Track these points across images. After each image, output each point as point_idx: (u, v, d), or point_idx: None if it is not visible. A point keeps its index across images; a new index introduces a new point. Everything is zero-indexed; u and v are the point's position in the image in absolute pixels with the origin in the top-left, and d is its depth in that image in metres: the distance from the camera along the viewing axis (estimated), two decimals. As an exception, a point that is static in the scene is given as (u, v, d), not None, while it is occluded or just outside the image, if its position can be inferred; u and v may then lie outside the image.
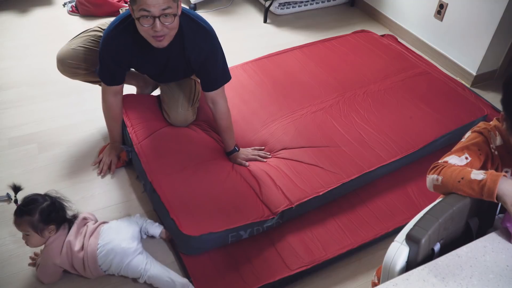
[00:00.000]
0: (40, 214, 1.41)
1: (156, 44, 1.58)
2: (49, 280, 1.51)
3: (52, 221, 1.45)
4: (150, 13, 1.47)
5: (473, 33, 2.53)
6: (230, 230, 1.56)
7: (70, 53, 1.85)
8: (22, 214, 1.41)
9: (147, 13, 1.47)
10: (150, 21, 1.49)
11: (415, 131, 1.99)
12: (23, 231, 1.43)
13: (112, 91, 1.79)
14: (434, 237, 0.96)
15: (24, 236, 1.45)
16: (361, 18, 3.33)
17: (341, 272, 1.60)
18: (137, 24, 1.54)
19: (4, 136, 2.08)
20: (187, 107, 1.95)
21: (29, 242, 1.45)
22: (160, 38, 1.55)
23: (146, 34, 1.55)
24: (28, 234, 1.43)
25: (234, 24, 3.16)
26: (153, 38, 1.55)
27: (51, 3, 3.23)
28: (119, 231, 1.53)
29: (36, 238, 1.43)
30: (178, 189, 1.68)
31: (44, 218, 1.42)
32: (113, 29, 1.64)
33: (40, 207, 1.42)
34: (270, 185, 1.73)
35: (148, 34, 1.54)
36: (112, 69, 1.73)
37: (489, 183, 0.97)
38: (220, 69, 1.76)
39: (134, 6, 1.48)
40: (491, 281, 0.89)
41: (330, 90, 2.24)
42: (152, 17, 1.48)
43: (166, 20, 1.51)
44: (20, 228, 1.43)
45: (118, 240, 1.49)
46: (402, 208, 1.76)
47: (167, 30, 1.54)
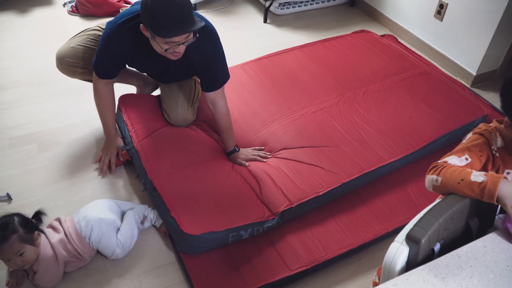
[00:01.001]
0: (22, 227, 1.40)
1: (173, 58, 1.60)
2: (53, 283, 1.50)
3: (34, 228, 1.44)
4: (177, 42, 1.50)
5: (473, 33, 2.53)
6: (231, 230, 1.56)
7: (69, 51, 1.85)
8: (7, 237, 1.36)
9: (173, 43, 1.50)
10: (175, 47, 1.52)
11: (415, 131, 1.99)
12: (16, 253, 1.37)
13: (104, 81, 1.79)
14: (434, 237, 0.96)
15: (17, 259, 1.38)
16: (361, 18, 3.33)
17: (341, 272, 1.60)
18: (155, 46, 1.55)
19: (4, 136, 2.08)
20: (187, 107, 1.95)
21: (26, 259, 1.40)
22: (177, 55, 1.58)
23: (165, 53, 1.56)
24: (23, 252, 1.38)
25: (234, 24, 3.16)
26: (170, 54, 1.57)
27: (51, 3, 3.23)
28: (94, 206, 1.62)
29: (32, 249, 1.41)
30: (179, 188, 1.68)
31: (27, 228, 1.41)
32: (117, 28, 1.62)
33: (16, 222, 1.40)
34: (270, 185, 1.73)
35: (167, 52, 1.56)
36: (106, 64, 1.73)
37: (489, 185, 0.96)
38: (220, 69, 1.77)
39: (158, 39, 1.50)
40: (491, 281, 0.89)
41: (330, 90, 2.25)
42: (177, 44, 1.51)
43: (189, 41, 1.54)
44: (11, 252, 1.37)
45: (94, 213, 1.57)
46: (402, 208, 1.76)
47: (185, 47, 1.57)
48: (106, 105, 1.85)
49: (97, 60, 1.72)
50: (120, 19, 1.64)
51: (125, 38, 1.63)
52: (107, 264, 1.58)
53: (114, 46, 1.65)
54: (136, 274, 1.56)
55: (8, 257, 1.38)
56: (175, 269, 1.58)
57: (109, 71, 1.76)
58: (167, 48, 1.52)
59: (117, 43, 1.64)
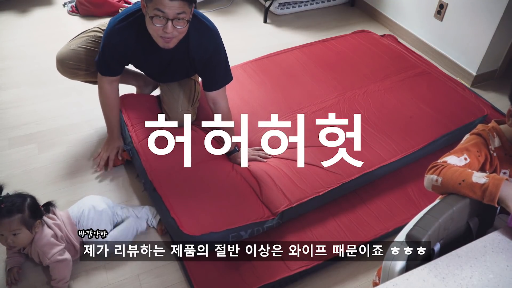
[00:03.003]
0: (30, 210, 1.42)
1: (163, 45, 1.58)
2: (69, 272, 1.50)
3: (39, 216, 1.46)
4: (165, 14, 1.47)
5: (473, 33, 2.53)
6: (231, 230, 1.56)
7: (69, 53, 1.85)
8: (11, 212, 1.39)
9: (161, 13, 1.47)
10: (162, 21, 1.49)
11: (415, 131, 1.99)
12: (12, 231, 1.40)
13: (108, 79, 1.79)
14: (434, 237, 0.96)
15: (10, 237, 1.40)
16: (361, 18, 3.33)
17: (341, 272, 1.60)
18: (147, 22, 1.54)
19: (4, 136, 2.08)
20: (187, 107, 1.95)
21: (17, 241, 1.42)
22: (168, 40, 1.56)
23: (155, 33, 1.55)
24: (19, 233, 1.40)
25: (234, 24, 3.16)
26: (161, 38, 1.55)
27: (51, 3, 3.23)
28: (88, 198, 1.66)
29: (27, 234, 1.43)
30: (179, 188, 1.68)
31: (33, 214, 1.43)
32: (118, 23, 1.63)
33: (27, 203, 1.43)
34: (270, 185, 1.73)
35: (157, 34, 1.54)
36: (110, 62, 1.73)
37: (491, 187, 0.96)
38: (222, 69, 1.77)
39: (149, 4, 1.48)
40: (491, 281, 0.89)
41: (330, 90, 2.25)
42: (165, 18, 1.48)
43: (179, 24, 1.51)
44: (8, 229, 1.39)
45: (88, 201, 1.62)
46: (402, 208, 1.76)
47: (177, 33, 1.54)
48: (110, 104, 1.86)
49: (100, 56, 1.72)
50: (120, 16, 1.65)
51: (127, 33, 1.63)
52: (107, 264, 1.58)
53: (116, 40, 1.65)
54: (136, 274, 1.56)
55: (2, 232, 1.40)
56: (175, 269, 1.58)
57: (112, 67, 1.76)
58: (152, 16, 1.47)
59: (118, 37, 1.64)
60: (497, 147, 1.12)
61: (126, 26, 1.62)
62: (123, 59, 1.75)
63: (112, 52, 1.68)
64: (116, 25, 1.63)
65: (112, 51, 1.68)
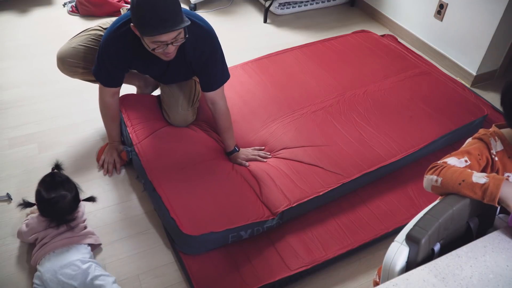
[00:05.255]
0: (74, 197, 1.54)
1: (165, 59, 1.60)
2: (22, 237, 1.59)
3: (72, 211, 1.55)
4: (163, 42, 1.49)
5: (473, 33, 2.53)
6: (231, 230, 1.56)
7: (70, 51, 1.85)
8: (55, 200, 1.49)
9: (160, 43, 1.49)
10: (163, 47, 1.52)
11: (415, 131, 1.99)
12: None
13: (110, 92, 1.79)
14: (434, 237, 0.96)
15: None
16: (361, 18, 3.33)
17: (341, 272, 1.60)
18: (146, 45, 1.55)
19: (4, 136, 2.08)
20: (187, 107, 1.95)
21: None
22: (168, 55, 1.58)
23: (155, 53, 1.56)
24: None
25: (234, 24, 3.16)
26: (162, 55, 1.57)
27: (51, 3, 3.23)
28: (63, 269, 1.44)
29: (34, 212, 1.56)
30: (178, 188, 1.68)
31: (71, 205, 1.53)
32: (115, 31, 1.63)
33: (75, 192, 1.55)
34: (270, 185, 1.73)
35: (158, 53, 1.56)
36: (110, 70, 1.72)
37: (491, 187, 0.96)
38: (219, 69, 1.77)
39: (146, 38, 1.49)
40: (491, 281, 0.89)
41: (330, 90, 2.25)
42: (165, 44, 1.51)
43: (178, 42, 1.54)
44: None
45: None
46: (402, 208, 1.76)
47: (177, 47, 1.57)
48: (112, 115, 1.88)
49: (99, 67, 1.72)
50: (116, 23, 1.65)
51: (123, 41, 1.63)
52: (107, 264, 1.58)
53: (113, 49, 1.65)
54: (136, 274, 1.56)
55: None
56: (175, 269, 1.58)
57: (113, 77, 1.75)
58: (154, 48, 1.51)
59: (115, 47, 1.64)
60: (499, 151, 1.12)
61: (122, 34, 1.62)
62: (122, 67, 1.74)
63: (109, 60, 1.68)
64: (112, 34, 1.63)
65: (110, 59, 1.68)
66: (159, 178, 1.71)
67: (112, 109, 1.85)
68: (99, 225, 1.70)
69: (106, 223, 1.72)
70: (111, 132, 1.92)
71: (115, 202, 1.80)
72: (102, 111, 1.87)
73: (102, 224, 1.71)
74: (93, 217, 1.74)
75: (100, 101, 1.84)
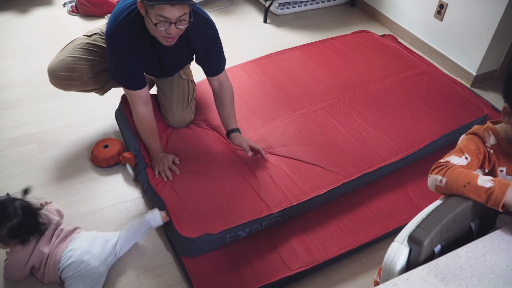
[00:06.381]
0: (8, 230, 1.38)
1: (165, 43, 1.59)
2: (13, 278, 1.49)
3: (18, 237, 1.42)
4: (167, 19, 1.48)
5: (473, 33, 2.53)
6: (228, 231, 1.55)
7: (59, 64, 1.80)
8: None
9: (164, 19, 1.48)
10: (166, 25, 1.50)
11: (415, 131, 1.99)
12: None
13: (142, 100, 1.72)
14: (437, 239, 0.95)
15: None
16: (361, 18, 3.33)
17: (341, 272, 1.60)
18: (149, 24, 1.53)
19: (4, 136, 2.08)
20: (183, 108, 1.95)
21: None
22: (171, 39, 1.57)
23: (158, 34, 1.55)
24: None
25: (234, 24, 3.16)
26: (164, 38, 1.56)
27: (51, 3, 3.23)
28: (93, 243, 1.49)
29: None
30: (178, 190, 1.69)
31: (11, 234, 1.40)
32: (118, 23, 1.60)
33: (10, 224, 1.38)
34: (270, 184, 1.73)
35: (160, 34, 1.55)
36: (129, 68, 1.67)
37: (497, 192, 0.96)
38: (222, 54, 1.81)
39: (150, 10, 1.48)
40: (491, 281, 0.89)
41: (330, 90, 2.25)
42: (168, 22, 1.49)
43: (181, 24, 1.53)
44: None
45: (87, 254, 1.45)
46: (402, 208, 1.76)
47: (179, 31, 1.56)
48: (151, 129, 1.78)
49: (117, 69, 1.68)
50: (117, 17, 1.61)
51: (128, 31, 1.61)
52: (107, 264, 1.58)
53: (124, 41, 1.62)
54: (136, 274, 1.56)
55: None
56: (175, 269, 1.58)
57: (134, 72, 1.69)
58: (157, 24, 1.48)
59: (125, 37, 1.61)
60: (493, 144, 1.13)
61: (125, 25, 1.60)
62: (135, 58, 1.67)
63: (127, 51, 1.63)
64: (116, 26, 1.61)
65: (126, 50, 1.63)
66: (160, 181, 1.72)
67: (148, 120, 1.76)
68: (99, 225, 1.70)
69: (106, 223, 1.72)
70: (151, 145, 1.80)
71: (115, 202, 1.80)
72: (139, 125, 1.78)
73: (102, 224, 1.71)
74: (93, 217, 1.73)
75: (134, 115, 1.76)
